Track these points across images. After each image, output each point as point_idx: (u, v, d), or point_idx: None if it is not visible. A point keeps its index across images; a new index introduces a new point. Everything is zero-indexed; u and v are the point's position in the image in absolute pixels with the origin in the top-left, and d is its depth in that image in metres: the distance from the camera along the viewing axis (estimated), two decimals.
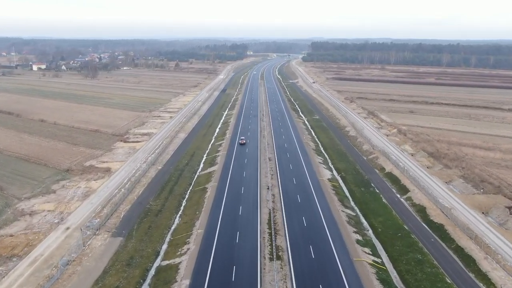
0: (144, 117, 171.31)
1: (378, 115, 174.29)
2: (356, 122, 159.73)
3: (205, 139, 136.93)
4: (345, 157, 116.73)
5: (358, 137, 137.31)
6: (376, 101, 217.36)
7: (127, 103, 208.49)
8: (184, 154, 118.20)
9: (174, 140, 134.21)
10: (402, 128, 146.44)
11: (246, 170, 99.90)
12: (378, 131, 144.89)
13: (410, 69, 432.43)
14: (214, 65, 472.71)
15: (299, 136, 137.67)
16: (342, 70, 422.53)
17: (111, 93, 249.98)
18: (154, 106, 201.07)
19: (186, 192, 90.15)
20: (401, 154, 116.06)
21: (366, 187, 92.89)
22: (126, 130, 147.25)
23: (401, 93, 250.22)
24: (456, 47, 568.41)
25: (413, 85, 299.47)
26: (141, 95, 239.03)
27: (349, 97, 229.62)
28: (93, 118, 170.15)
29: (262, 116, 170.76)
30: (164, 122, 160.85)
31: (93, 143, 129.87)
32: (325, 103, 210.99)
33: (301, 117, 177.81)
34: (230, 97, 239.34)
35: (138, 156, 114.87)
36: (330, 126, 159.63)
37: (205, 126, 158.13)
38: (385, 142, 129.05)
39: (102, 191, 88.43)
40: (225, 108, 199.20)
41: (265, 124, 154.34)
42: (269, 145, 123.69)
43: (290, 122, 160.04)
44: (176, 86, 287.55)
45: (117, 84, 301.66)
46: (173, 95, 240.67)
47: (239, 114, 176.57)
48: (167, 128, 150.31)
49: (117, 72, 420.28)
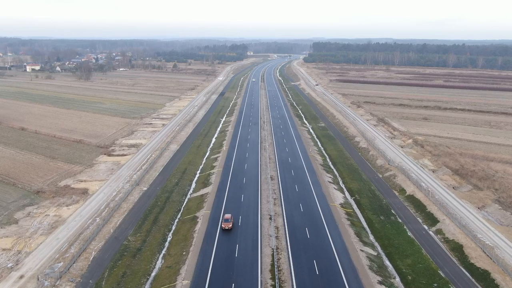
0: (134, 125, 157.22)
1: (390, 122, 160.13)
2: (366, 130, 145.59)
3: (199, 152, 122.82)
4: (357, 175, 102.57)
5: (370, 149, 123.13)
6: (385, 106, 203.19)
7: (118, 109, 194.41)
8: (174, 171, 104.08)
9: (165, 152, 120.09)
10: (418, 139, 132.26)
11: (244, 192, 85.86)
12: (391, 142, 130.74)
13: (416, 70, 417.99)
14: (213, 66, 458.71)
15: (304, 148, 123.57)
16: (346, 71, 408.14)
17: (102, 96, 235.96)
18: (147, 111, 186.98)
19: (173, 222, 76.04)
20: (421, 171, 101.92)
21: (386, 215, 78.73)
22: (113, 141, 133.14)
23: (410, 96, 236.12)
24: (461, 47, 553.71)
25: (421, 87, 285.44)
26: (134, 99, 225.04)
27: (355, 101, 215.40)
28: (79, 125, 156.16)
29: (263, 124, 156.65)
30: (155, 130, 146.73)
31: (74, 156, 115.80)
32: (330, 108, 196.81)
33: (305, 125, 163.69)
34: (228, 101, 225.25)
35: (122, 173, 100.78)
36: (338, 135, 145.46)
37: (200, 135, 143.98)
38: (401, 156, 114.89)
39: (73, 222, 74.34)
40: (222, 114, 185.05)
41: (266, 134, 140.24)
42: (271, 160, 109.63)
43: (293, 131, 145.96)
44: (172, 89, 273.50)
45: (110, 87, 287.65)
46: (168, 99, 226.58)
47: (238, 121, 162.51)
48: (158, 138, 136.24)
49: (112, 73, 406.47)
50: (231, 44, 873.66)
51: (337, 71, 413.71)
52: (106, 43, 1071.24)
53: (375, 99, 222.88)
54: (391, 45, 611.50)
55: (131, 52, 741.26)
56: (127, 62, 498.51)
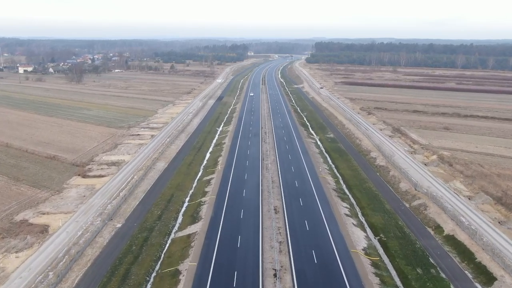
0: (119, 137, 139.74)
1: (407, 133, 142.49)
2: (382, 143, 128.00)
3: (190, 172, 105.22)
4: (379, 203, 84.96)
5: (389, 168, 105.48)
6: (398, 112, 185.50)
7: (105, 116, 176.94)
8: (158, 199, 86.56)
9: (150, 173, 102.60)
10: (443, 154, 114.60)
11: (241, 233, 68.42)
12: (412, 158, 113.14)
13: (424, 72, 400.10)
14: (212, 68, 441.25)
15: (313, 166, 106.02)
16: (351, 73, 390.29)
17: (91, 102, 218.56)
18: (136, 120, 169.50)
19: (149, 277, 58.56)
20: (456, 199, 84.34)
21: (424, 267, 61.08)
22: (91, 157, 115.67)
23: (423, 101, 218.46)
24: (469, 47, 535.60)
25: (433, 91, 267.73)
26: (124, 105, 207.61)
27: (365, 107, 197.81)
28: (57, 137, 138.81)
29: (264, 135, 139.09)
30: (142, 144, 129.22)
31: (42, 178, 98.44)
32: (338, 116, 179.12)
33: (312, 135, 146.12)
34: (227, 107, 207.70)
35: (94, 202, 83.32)
36: (350, 149, 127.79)
37: (193, 149, 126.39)
38: (427, 177, 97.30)
39: (18, 279, 56.93)
40: (219, 123, 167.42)
41: (268, 148, 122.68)
42: (274, 183, 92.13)
43: (299, 144, 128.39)
44: (167, 93, 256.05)
45: (102, 90, 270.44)
46: (161, 104, 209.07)
47: (237, 132, 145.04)
48: (144, 153, 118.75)
49: (107, 75, 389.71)
50: (231, 44, 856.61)
51: (342, 72, 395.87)
52: (105, 43, 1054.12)
53: (386, 105, 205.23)
54: (396, 45, 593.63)
55: (129, 52, 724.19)
56: (123, 63, 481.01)
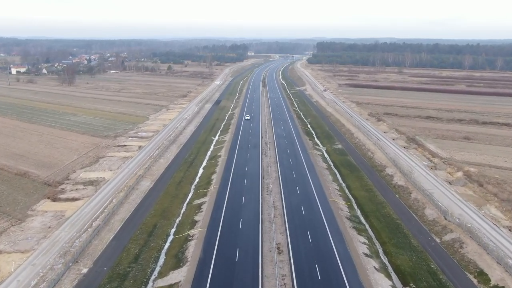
0: (103, 148, 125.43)
1: (423, 143, 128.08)
2: (397, 157, 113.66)
3: (179, 193, 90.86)
4: (403, 237, 70.59)
5: (410, 189, 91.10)
6: (409, 118, 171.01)
7: (91, 123, 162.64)
8: (137, 231, 72.27)
9: (132, 195, 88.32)
10: (469, 171, 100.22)
11: (236, 284, 54.15)
12: (435, 176, 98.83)
13: (431, 73, 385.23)
14: (210, 68, 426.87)
15: (321, 186, 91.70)
16: (355, 74, 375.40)
17: (79, 106, 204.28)
18: (125, 127, 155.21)
19: None
20: (496, 232, 70.06)
21: None
22: (67, 174, 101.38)
23: (435, 105, 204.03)
24: (475, 47, 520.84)
25: (443, 94, 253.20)
26: (114, 110, 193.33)
27: (373, 112, 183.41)
28: (34, 148, 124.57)
29: (264, 147, 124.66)
30: (127, 157, 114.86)
31: (6, 201, 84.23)
32: (345, 122, 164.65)
33: (318, 146, 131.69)
34: (224, 112, 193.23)
35: (60, 237, 69.09)
36: (362, 163, 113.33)
37: (184, 164, 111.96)
38: (456, 201, 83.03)
39: None
40: (216, 131, 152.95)
41: (269, 162, 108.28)
42: (276, 210, 77.86)
43: (304, 157, 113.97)
44: (161, 96, 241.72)
45: (93, 93, 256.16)
46: (154, 109, 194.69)
47: (234, 142, 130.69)
48: (128, 168, 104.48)
49: (102, 76, 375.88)
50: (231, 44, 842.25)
51: (345, 73, 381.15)
52: (104, 43, 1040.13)
53: (396, 110, 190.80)
54: (399, 45, 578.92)
55: (127, 52, 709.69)
56: (120, 64, 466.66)
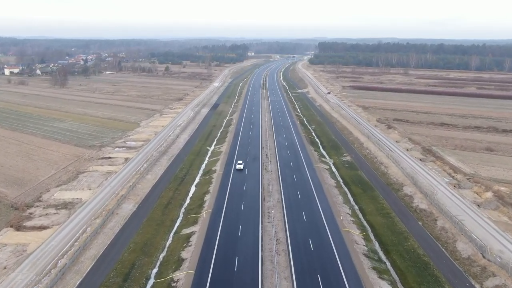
0: (85, 161, 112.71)
1: (442, 155, 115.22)
2: (415, 172, 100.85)
3: (165, 219, 78.07)
4: (434, 283, 57.69)
5: (435, 215, 78.27)
6: (422, 125, 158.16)
7: (78, 130, 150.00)
8: (110, 273, 59.43)
9: (110, 221, 75.56)
10: (500, 190, 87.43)
11: None
12: (460, 196, 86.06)
13: (437, 75, 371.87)
14: (209, 69, 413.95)
15: (331, 210, 78.96)
16: (359, 75, 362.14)
17: (68, 111, 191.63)
18: (113, 135, 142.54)
19: None
20: None
21: None
22: (40, 194, 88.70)
23: (447, 110, 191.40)
24: (482, 48, 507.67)
25: (453, 97, 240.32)
26: (104, 115, 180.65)
27: (382, 118, 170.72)
28: (10, 160, 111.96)
29: (265, 159, 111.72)
30: (111, 172, 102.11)
31: None
32: (353, 130, 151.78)
33: (324, 159, 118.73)
34: (222, 118, 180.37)
35: (16, 281, 56.39)
36: (375, 180, 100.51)
37: (174, 180, 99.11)
38: (491, 231, 70.26)
39: None
40: (211, 140, 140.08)
41: (270, 179, 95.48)
42: (280, 245, 65.08)
43: (309, 173, 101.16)
44: (156, 99, 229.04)
45: (85, 96, 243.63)
46: (146, 114, 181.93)
47: (231, 154, 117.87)
48: (110, 187, 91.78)
49: (97, 77, 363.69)
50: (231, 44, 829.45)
51: (349, 75, 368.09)
52: (103, 43, 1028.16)
53: (406, 115, 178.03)
54: (403, 46, 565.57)
55: (125, 52, 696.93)
56: (117, 64, 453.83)
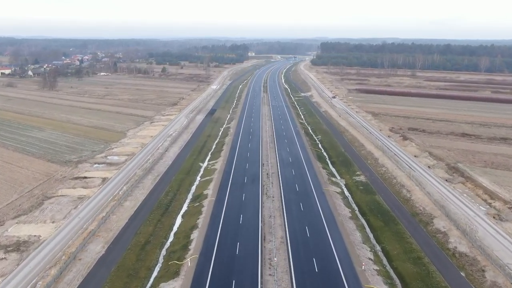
0: (56, 181, 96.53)
1: (471, 175, 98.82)
2: (445, 199, 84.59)
3: (139, 268, 61.67)
4: None
5: (482, 264, 61.95)
6: (441, 136, 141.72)
7: (56, 141, 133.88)
8: None
9: (68, 272, 59.18)
10: None
11: None
12: (506, 234, 69.85)
13: (447, 77, 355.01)
14: (207, 71, 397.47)
15: (348, 254, 62.76)
16: (364, 77, 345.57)
17: (51, 117, 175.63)
18: (94, 148, 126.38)
19: None
20: None
21: None
22: None
23: (465, 117, 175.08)
24: (490, 48, 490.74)
25: (467, 102, 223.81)
26: (89, 122, 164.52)
27: (395, 126, 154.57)
28: None
29: (266, 181, 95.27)
30: (83, 197, 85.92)
31: None
32: (364, 142, 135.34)
33: (334, 179, 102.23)
34: (218, 126, 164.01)
35: None
36: (397, 208, 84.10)
37: (157, 209, 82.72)
38: None
39: None
40: (205, 154, 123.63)
41: (272, 209, 79.18)
42: None
43: (318, 198, 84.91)
44: (148, 104, 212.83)
45: (74, 100, 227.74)
46: (135, 122, 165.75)
47: (226, 173, 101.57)
48: (78, 219, 75.62)
49: (90, 79, 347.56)
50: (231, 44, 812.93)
51: (354, 77, 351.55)
52: (101, 43, 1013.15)
53: (421, 123, 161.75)
54: (408, 46, 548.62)
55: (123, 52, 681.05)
56: (112, 65, 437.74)
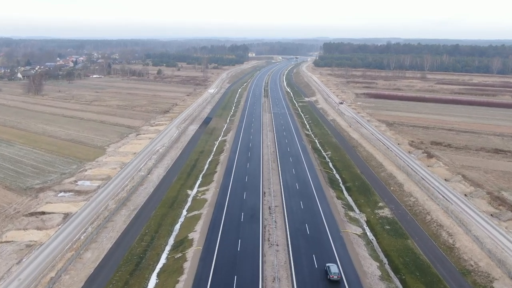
0: (6, 218, 76.93)
1: None
2: (503, 251, 65.38)
3: None
4: None
5: None
6: (471, 153, 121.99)
7: (22, 159, 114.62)
8: None
9: None
10: None
11: None
12: None
13: (459, 79, 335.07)
14: (205, 73, 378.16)
15: None
16: (371, 80, 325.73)
17: (25, 128, 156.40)
18: (64, 170, 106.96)
19: None
20: None
21: None
22: None
23: (492, 128, 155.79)
24: (501, 49, 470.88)
25: (488, 108, 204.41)
26: (66, 135, 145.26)
27: (415, 140, 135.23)
28: None
29: (268, 218, 75.76)
30: (31, 246, 66.50)
31: None
32: (383, 160, 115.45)
33: (352, 213, 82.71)
34: (213, 139, 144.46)
35: None
36: (439, 261, 64.77)
37: (124, 266, 63.07)
38: None
39: None
40: (195, 176, 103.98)
41: (276, 264, 59.82)
42: None
43: (336, 248, 65.60)
44: (137, 112, 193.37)
45: (58, 106, 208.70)
46: (119, 134, 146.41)
47: (219, 205, 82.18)
48: (16, 282, 56.38)
49: (81, 82, 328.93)
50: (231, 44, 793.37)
51: (360, 79, 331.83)
52: (99, 43, 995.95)
53: (443, 136, 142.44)
54: (415, 46, 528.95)
55: (119, 53, 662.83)
56: (106, 67, 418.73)
